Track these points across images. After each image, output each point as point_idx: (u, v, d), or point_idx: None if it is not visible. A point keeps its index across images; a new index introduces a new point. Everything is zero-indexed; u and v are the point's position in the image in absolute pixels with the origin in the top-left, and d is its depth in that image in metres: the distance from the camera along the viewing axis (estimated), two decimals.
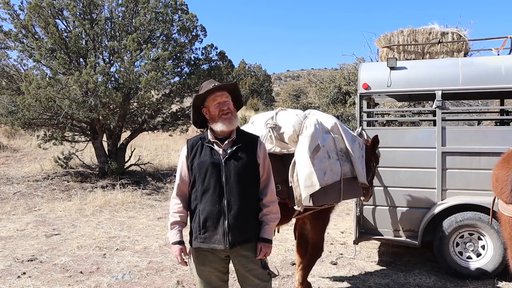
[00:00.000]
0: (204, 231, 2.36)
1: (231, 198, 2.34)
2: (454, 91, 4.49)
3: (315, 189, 3.23)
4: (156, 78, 8.31)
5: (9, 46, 9.50)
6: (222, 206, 2.33)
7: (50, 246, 5.45)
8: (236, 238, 2.33)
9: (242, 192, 2.37)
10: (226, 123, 2.39)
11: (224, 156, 2.39)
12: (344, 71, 18.16)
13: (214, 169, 2.36)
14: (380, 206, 4.65)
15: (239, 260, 2.43)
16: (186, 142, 2.53)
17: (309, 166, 3.25)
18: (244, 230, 2.37)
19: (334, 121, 3.67)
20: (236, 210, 2.34)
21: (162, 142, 15.79)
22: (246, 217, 2.38)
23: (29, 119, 8.89)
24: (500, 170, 2.94)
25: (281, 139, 3.41)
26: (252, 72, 34.11)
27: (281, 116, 3.53)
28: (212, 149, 2.41)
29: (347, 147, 3.61)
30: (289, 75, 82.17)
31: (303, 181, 3.25)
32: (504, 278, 4.10)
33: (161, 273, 4.53)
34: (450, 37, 4.88)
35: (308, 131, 3.38)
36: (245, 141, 2.48)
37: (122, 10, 9.81)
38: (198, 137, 2.50)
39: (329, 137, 3.53)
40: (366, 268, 4.63)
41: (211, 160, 2.38)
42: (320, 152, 3.36)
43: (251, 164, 2.43)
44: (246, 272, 2.44)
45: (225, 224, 2.32)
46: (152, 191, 9.40)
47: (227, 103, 2.43)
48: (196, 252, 2.44)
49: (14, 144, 13.68)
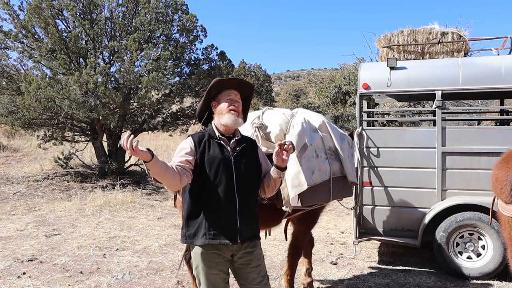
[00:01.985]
0: (215, 227, 2.33)
1: (241, 194, 2.38)
2: (454, 91, 4.49)
3: (303, 188, 3.18)
4: (157, 78, 8.31)
5: (9, 46, 9.51)
6: (235, 203, 2.35)
7: (50, 246, 5.45)
8: (246, 234, 2.37)
9: (250, 189, 2.44)
10: (232, 118, 2.42)
11: (233, 153, 2.42)
12: (344, 71, 18.16)
13: (225, 165, 2.37)
14: (380, 206, 4.65)
15: (244, 256, 2.43)
16: (189, 136, 2.49)
17: (296, 165, 3.19)
18: (252, 226, 2.44)
19: (322, 120, 3.63)
20: (246, 206, 2.39)
21: (162, 142, 15.81)
22: (253, 213, 2.45)
23: (29, 119, 8.90)
24: (499, 170, 2.94)
25: (267, 138, 3.36)
26: (252, 72, 34.08)
27: (267, 115, 3.49)
28: (222, 146, 2.43)
29: (335, 146, 3.58)
30: (289, 75, 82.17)
31: (290, 181, 3.18)
32: (504, 278, 4.10)
33: (161, 273, 4.53)
34: (450, 37, 4.88)
35: (295, 130, 3.33)
36: (247, 142, 2.55)
37: (122, 10, 9.81)
38: (202, 133, 2.50)
39: (317, 136, 3.48)
40: (366, 268, 4.63)
41: (222, 156, 2.39)
42: (308, 151, 3.31)
43: (255, 163, 2.51)
44: (249, 269, 2.44)
45: (238, 220, 2.34)
46: (152, 191, 9.40)
47: (238, 104, 2.50)
48: (203, 254, 2.37)
49: (14, 144, 13.68)
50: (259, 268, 2.47)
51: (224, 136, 2.46)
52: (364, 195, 4.69)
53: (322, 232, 6.17)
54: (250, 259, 2.44)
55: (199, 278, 2.41)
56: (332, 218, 7.19)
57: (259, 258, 2.48)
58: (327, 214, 7.46)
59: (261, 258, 2.50)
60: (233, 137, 2.48)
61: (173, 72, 9.17)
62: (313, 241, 4.24)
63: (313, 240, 4.24)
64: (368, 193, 4.67)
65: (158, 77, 8.32)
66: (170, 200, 8.46)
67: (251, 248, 2.44)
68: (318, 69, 60.30)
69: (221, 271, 2.42)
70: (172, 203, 8.18)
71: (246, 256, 2.43)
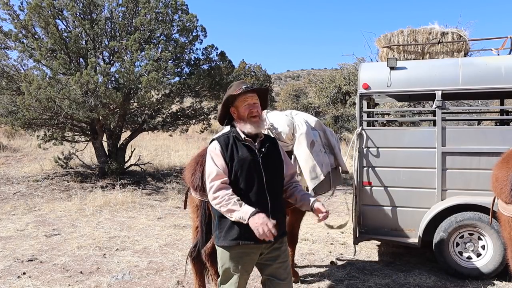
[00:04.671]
0: (249, 227, 2.30)
1: (271, 193, 2.43)
2: (454, 91, 4.48)
3: (320, 180, 3.65)
4: (157, 78, 8.31)
5: (9, 46, 9.49)
6: (266, 202, 2.40)
7: (50, 246, 5.45)
8: (277, 232, 2.36)
9: (278, 188, 2.52)
10: (255, 125, 2.46)
11: (260, 154, 2.47)
12: (344, 71, 18.18)
13: (255, 166, 2.43)
14: (380, 206, 4.65)
15: (273, 253, 2.47)
16: (214, 140, 2.51)
17: (312, 160, 3.66)
18: (281, 224, 2.47)
19: (315, 119, 4.15)
20: (276, 205, 2.44)
21: (162, 142, 15.80)
22: (282, 212, 2.53)
23: (29, 119, 8.89)
24: (500, 170, 2.94)
25: (279, 138, 3.66)
26: (252, 72, 34.05)
27: (271, 117, 3.83)
28: (250, 147, 2.47)
29: (329, 141, 4.17)
30: (289, 75, 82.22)
31: (308, 174, 3.63)
32: (504, 278, 4.10)
33: (161, 273, 4.53)
34: (450, 37, 4.88)
35: (302, 128, 3.78)
36: (270, 141, 2.60)
37: (122, 10, 9.80)
38: (226, 135, 2.52)
39: (317, 133, 3.98)
40: (366, 268, 4.63)
41: (252, 157, 2.44)
42: (315, 146, 3.79)
43: (280, 161, 2.58)
44: (276, 264, 2.48)
45: (270, 219, 2.35)
46: (152, 191, 9.40)
47: (257, 105, 2.50)
48: (232, 254, 2.42)
49: (14, 144, 13.68)
50: (286, 264, 2.52)
51: (249, 137, 2.50)
52: (364, 195, 4.69)
53: (322, 232, 6.17)
54: (277, 254, 2.49)
55: (224, 277, 2.49)
56: (332, 218, 7.19)
57: (286, 254, 2.53)
58: None
59: (287, 254, 2.55)
60: (258, 137, 2.52)
61: (173, 72, 9.16)
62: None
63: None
64: (368, 193, 4.67)
65: (157, 77, 8.32)
66: (170, 200, 8.47)
67: (279, 244, 2.50)
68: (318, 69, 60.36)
69: (246, 272, 2.49)
70: (172, 203, 8.21)
71: (273, 252, 2.49)
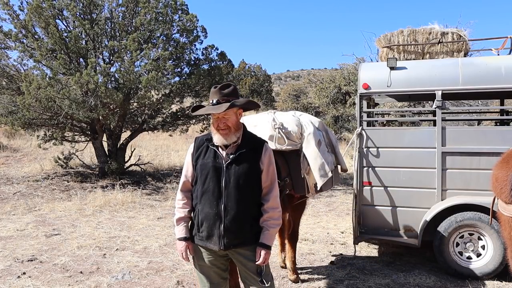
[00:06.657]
0: (201, 230, 2.43)
1: (229, 202, 2.37)
2: (454, 91, 4.48)
3: (328, 177, 3.82)
4: (157, 78, 8.31)
5: (9, 46, 9.49)
6: (219, 210, 2.37)
7: (50, 246, 5.45)
8: (230, 242, 2.38)
9: (240, 198, 2.38)
10: (223, 137, 2.41)
11: (227, 161, 2.41)
12: (344, 71, 18.18)
13: (215, 172, 2.40)
14: (380, 206, 4.65)
15: (238, 258, 2.49)
16: (194, 140, 2.58)
17: (320, 158, 3.82)
18: (240, 235, 2.40)
19: (318, 120, 4.33)
20: (233, 214, 2.36)
21: (162, 142, 15.79)
22: (242, 222, 2.39)
23: (29, 119, 8.89)
24: (499, 170, 2.94)
25: (289, 137, 3.82)
26: (252, 72, 34.07)
27: (279, 117, 3.94)
28: (216, 152, 2.44)
29: (331, 141, 4.35)
30: (289, 75, 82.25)
31: (317, 171, 3.79)
32: (504, 278, 4.10)
33: (161, 273, 4.53)
34: (450, 37, 4.88)
35: (309, 129, 3.92)
36: (250, 147, 2.45)
37: (122, 10, 9.80)
38: (205, 137, 2.54)
39: (321, 133, 4.13)
40: (366, 268, 4.63)
41: (214, 164, 2.42)
42: (322, 145, 3.95)
43: (252, 171, 2.42)
44: (247, 270, 2.48)
45: (221, 228, 2.37)
46: (152, 191, 9.40)
47: (225, 119, 2.38)
48: (196, 248, 2.52)
49: (14, 144, 13.68)
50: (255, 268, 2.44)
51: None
52: (364, 195, 4.69)
53: (322, 232, 6.17)
54: (245, 261, 2.47)
55: (195, 271, 2.57)
56: (332, 218, 7.19)
57: (252, 260, 2.43)
58: (327, 214, 7.46)
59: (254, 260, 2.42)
60: (233, 143, 2.43)
61: (173, 72, 9.16)
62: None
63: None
64: (368, 193, 4.67)
65: (157, 76, 8.32)
66: (170, 200, 8.46)
67: (245, 251, 2.45)
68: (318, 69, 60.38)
69: (214, 266, 2.51)
70: (172, 203, 8.21)
71: (240, 258, 2.48)
